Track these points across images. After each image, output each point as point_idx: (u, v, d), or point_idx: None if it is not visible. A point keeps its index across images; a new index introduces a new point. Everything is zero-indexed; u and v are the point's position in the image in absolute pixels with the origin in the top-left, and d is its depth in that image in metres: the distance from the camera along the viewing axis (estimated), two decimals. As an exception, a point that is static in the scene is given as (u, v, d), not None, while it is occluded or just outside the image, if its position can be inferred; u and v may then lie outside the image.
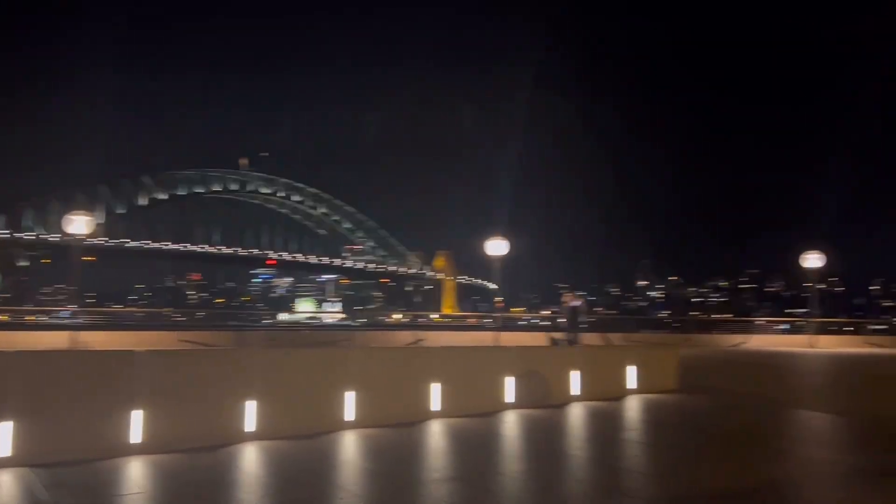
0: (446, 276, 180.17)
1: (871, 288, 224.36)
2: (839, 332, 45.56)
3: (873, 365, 21.99)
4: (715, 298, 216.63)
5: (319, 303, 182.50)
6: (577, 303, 23.74)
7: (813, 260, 32.92)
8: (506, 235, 31.20)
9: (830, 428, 10.02)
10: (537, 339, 25.80)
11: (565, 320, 24.11)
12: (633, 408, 11.18)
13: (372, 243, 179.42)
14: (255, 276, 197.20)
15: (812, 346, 29.84)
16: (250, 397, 8.29)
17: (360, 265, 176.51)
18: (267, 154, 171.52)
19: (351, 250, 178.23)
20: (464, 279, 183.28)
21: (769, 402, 12.36)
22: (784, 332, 45.76)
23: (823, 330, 37.82)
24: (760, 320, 64.62)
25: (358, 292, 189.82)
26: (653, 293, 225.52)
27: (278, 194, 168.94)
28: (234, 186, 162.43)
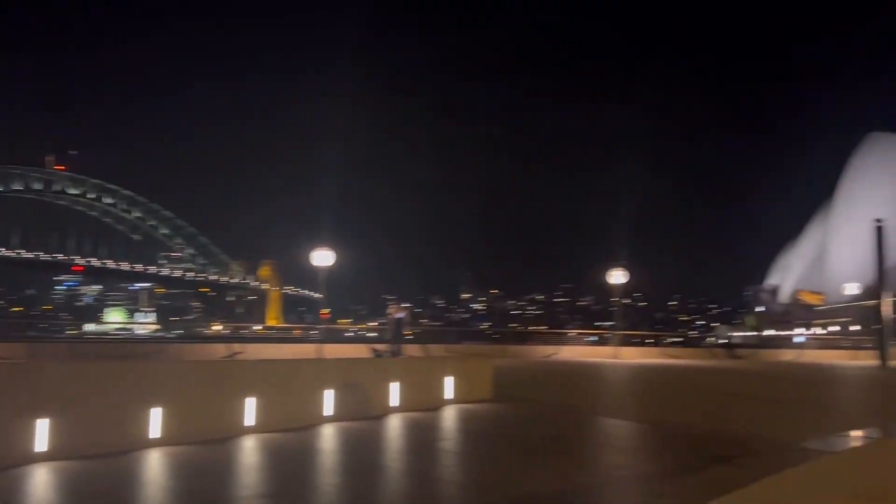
0: (271, 286, 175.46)
1: (669, 303, 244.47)
2: (641, 343, 49.22)
3: (668, 375, 23.92)
4: (532, 311, 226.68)
5: (131, 312, 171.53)
6: (402, 314, 23.96)
7: (618, 276, 35.39)
8: (332, 246, 30.98)
9: (629, 434, 10.75)
10: (360, 350, 25.76)
11: (390, 332, 24.25)
12: (449, 418, 11.43)
13: (191, 250, 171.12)
14: (60, 282, 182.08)
15: (616, 357, 31.97)
16: (42, 414, 7.63)
17: (177, 273, 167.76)
18: (76, 152, 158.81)
19: (168, 257, 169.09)
20: (290, 290, 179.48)
21: (575, 411, 13.09)
22: (593, 343, 48.69)
23: (627, 342, 40.63)
24: (572, 332, 68.36)
25: (175, 302, 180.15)
26: (475, 305, 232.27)
27: (88, 195, 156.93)
28: (37, 186, 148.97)
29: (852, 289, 51.23)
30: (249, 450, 8.68)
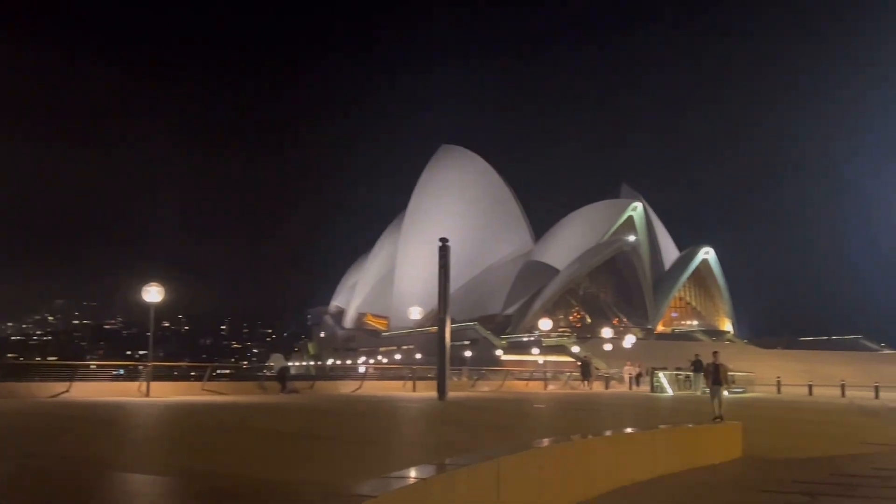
0: None
1: (220, 328, 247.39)
2: (184, 377, 48.63)
3: (209, 415, 23.99)
4: (39, 336, 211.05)
5: None
6: None
7: (153, 294, 34.25)
8: None
9: (150, 490, 10.47)
10: None
11: None
12: None
13: None
14: None
15: (146, 395, 31.09)
16: None
17: None
18: None
19: None
20: None
21: (84, 465, 12.35)
22: (119, 377, 46.81)
23: (164, 375, 39.76)
24: (92, 364, 64.89)
25: None
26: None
27: None
28: None
29: (416, 313, 57.12)
30: None
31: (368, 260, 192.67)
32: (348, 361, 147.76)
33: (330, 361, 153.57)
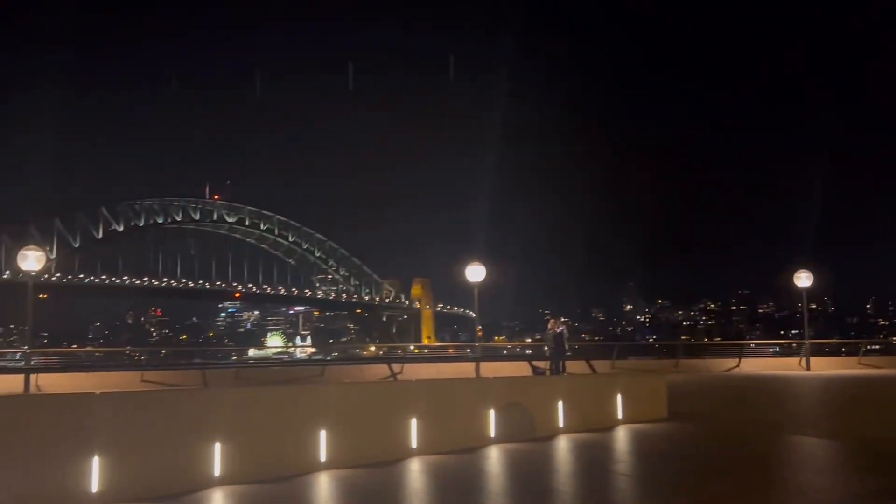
0: (423, 304, 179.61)
1: (865, 307, 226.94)
2: (834, 353, 45.82)
3: (866, 386, 22.26)
4: (704, 321, 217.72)
5: (289, 336, 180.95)
6: (562, 329, 23.76)
7: (804, 279, 33.18)
8: (485, 261, 31.20)
9: (824, 453, 10.15)
10: (519, 368, 25.79)
11: (549, 348, 24.11)
12: (621, 439, 11.22)
13: (344, 272, 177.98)
14: (221, 310, 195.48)
15: (805, 369, 30.09)
16: (217, 440, 8.20)
17: (332, 296, 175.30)
18: (229, 182, 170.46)
19: (322, 280, 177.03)
20: (442, 308, 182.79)
21: (762, 428, 12.46)
22: (776, 354, 46.07)
23: (817, 351, 37.93)
24: (752, 343, 64.99)
25: (330, 324, 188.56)
26: (640, 317, 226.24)
27: (245, 223, 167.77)
28: (196, 216, 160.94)
29: None
30: (415, 473, 8.94)
31: None
32: None
33: None
